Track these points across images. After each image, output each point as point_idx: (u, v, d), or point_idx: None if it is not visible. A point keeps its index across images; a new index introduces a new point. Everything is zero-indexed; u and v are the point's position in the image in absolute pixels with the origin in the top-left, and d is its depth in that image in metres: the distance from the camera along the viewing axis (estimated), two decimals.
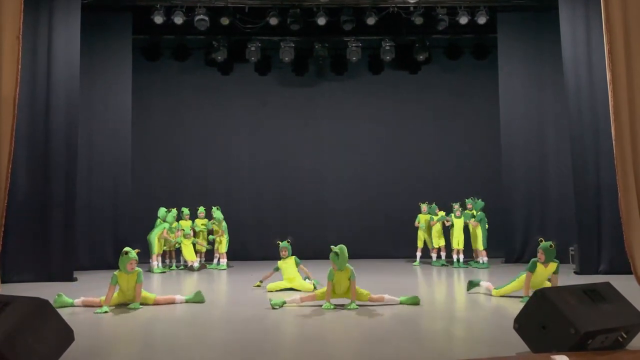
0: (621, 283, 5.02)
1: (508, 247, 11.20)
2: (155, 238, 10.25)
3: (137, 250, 6.66)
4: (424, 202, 11.29)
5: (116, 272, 6.51)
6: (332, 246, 6.54)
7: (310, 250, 12.01)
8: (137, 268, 6.56)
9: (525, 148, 11.30)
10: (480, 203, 10.81)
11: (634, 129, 7.75)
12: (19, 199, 8.93)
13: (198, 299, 6.85)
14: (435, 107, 12.99)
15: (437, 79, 12.99)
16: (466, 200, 11.05)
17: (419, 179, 12.67)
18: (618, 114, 7.78)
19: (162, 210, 10.48)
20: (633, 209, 7.60)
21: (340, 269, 6.40)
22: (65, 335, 4.00)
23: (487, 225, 10.81)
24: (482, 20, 11.20)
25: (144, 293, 6.75)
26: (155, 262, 10.20)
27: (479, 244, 10.60)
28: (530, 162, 11.28)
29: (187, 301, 6.83)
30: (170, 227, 10.43)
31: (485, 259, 10.55)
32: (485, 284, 7.38)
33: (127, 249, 6.57)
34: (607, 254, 9.15)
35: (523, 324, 4.18)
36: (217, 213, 10.79)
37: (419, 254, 11.18)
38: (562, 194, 10.85)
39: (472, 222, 10.68)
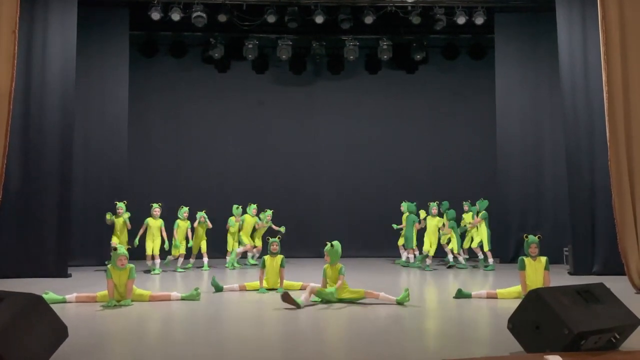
0: (615, 284, 5.05)
1: (503, 247, 11.22)
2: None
3: (127, 247, 6.67)
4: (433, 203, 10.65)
5: (109, 266, 6.52)
6: (327, 242, 6.78)
7: (305, 249, 12.03)
8: (129, 264, 6.56)
9: (520, 148, 11.31)
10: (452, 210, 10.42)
11: (628, 131, 7.75)
12: (13, 195, 8.88)
13: (194, 297, 6.84)
14: (431, 106, 12.99)
15: (434, 78, 12.98)
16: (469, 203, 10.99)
17: (415, 179, 12.66)
18: (613, 115, 7.79)
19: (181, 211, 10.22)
20: (627, 211, 7.62)
21: (332, 262, 6.68)
22: (59, 331, 4.00)
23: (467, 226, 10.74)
24: (479, 20, 11.19)
25: (139, 290, 6.76)
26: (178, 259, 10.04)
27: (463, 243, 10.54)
28: (525, 162, 11.30)
29: (182, 299, 6.82)
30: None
31: (461, 257, 10.36)
32: (480, 292, 7.04)
33: (117, 245, 6.59)
34: (601, 255, 9.18)
35: (517, 324, 4.19)
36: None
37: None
38: (557, 194, 10.89)
39: (445, 228, 10.29)
